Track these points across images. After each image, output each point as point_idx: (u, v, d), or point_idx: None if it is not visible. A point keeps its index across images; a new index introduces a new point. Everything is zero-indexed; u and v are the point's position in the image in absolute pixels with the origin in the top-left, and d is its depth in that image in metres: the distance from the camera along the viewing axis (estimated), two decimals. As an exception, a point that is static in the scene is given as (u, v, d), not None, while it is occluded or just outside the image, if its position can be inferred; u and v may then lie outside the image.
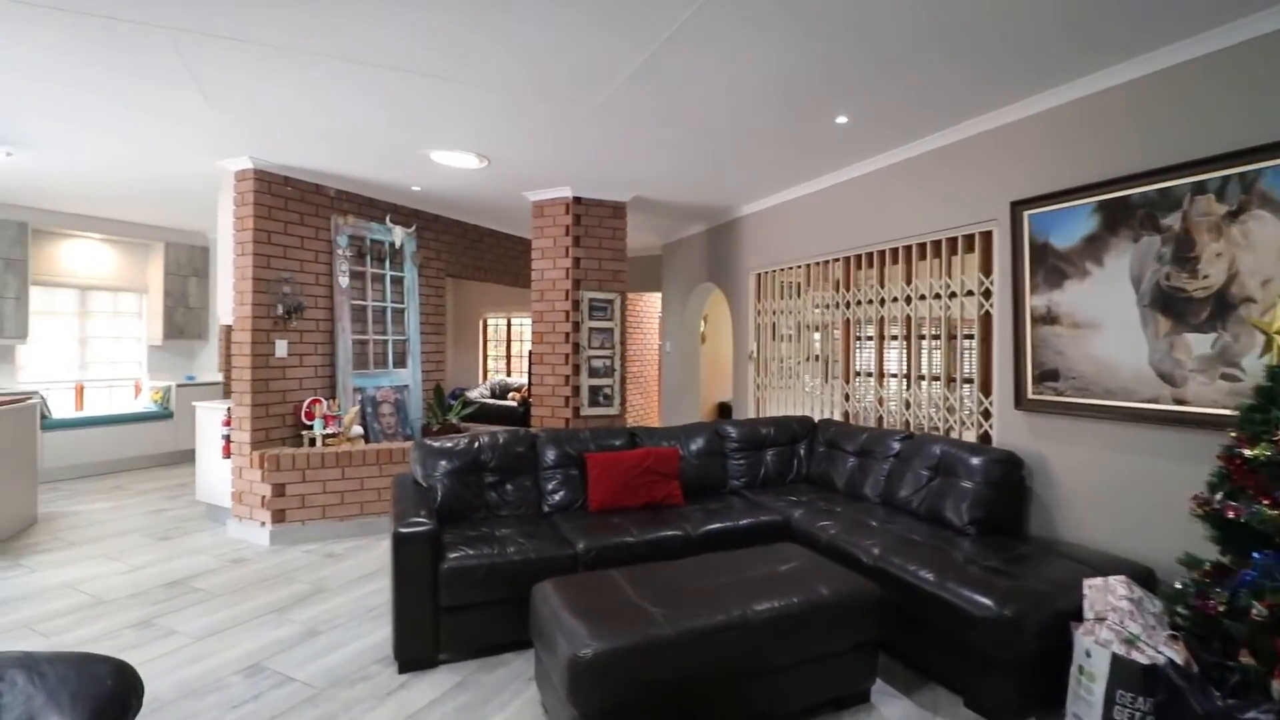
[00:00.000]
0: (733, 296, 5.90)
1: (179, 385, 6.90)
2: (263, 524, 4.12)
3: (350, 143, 3.85)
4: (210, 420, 4.61)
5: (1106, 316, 2.77)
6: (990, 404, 3.35)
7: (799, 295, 5.06)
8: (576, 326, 4.94)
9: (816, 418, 4.51)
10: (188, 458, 6.84)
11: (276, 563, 3.75)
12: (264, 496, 4.10)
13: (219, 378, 7.25)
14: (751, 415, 5.55)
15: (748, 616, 2.02)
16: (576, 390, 4.94)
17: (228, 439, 4.36)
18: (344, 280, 4.79)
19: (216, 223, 4.50)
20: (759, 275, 5.52)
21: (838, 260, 4.58)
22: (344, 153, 4.05)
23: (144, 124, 3.56)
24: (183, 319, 7.18)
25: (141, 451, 6.57)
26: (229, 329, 6.83)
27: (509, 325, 11.49)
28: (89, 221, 6.41)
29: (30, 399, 4.61)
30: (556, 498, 3.30)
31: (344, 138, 3.75)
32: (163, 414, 6.76)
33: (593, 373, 5.00)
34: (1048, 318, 3.01)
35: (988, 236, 3.38)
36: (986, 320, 3.41)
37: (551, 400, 4.99)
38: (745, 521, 3.11)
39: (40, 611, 3.02)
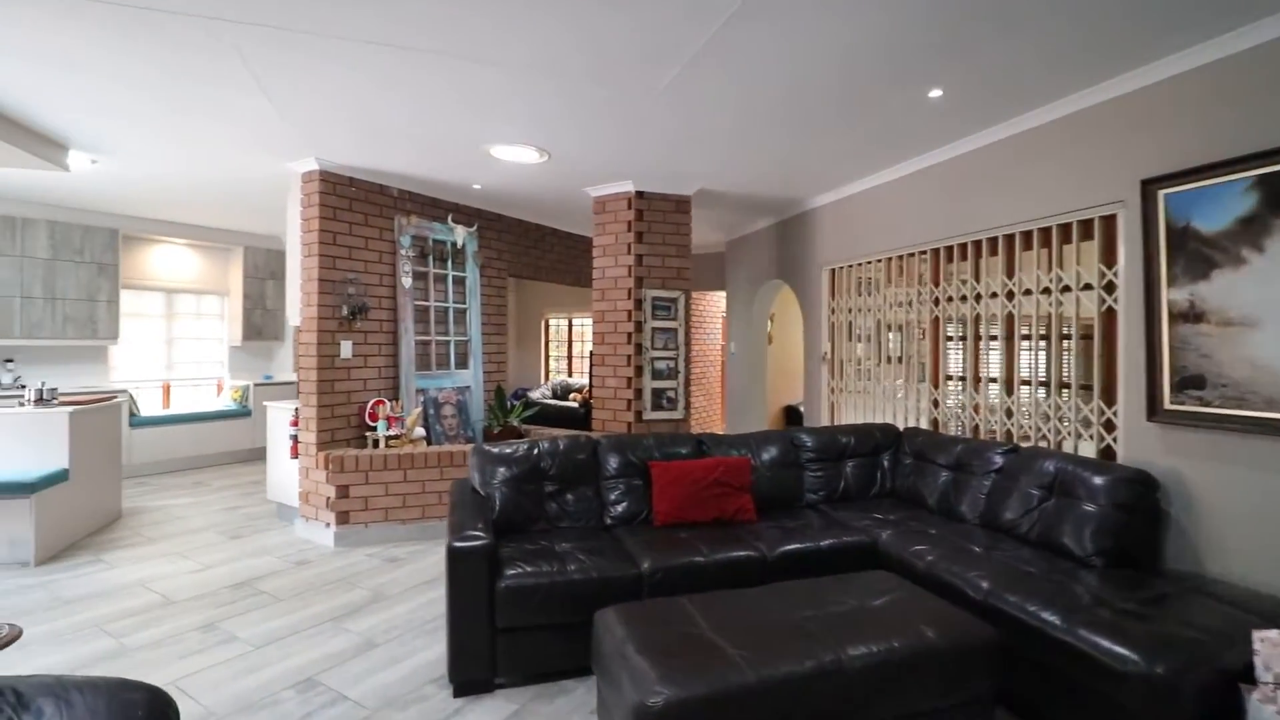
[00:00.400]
0: (804, 294, 5.56)
1: (256, 384, 7.14)
2: (327, 525, 4.11)
3: (411, 140, 3.78)
4: (280, 420, 4.67)
5: (1269, 312, 2.32)
6: (1114, 414, 2.92)
7: (878, 292, 4.68)
8: (639, 326, 4.74)
9: (900, 426, 4.13)
10: (263, 455, 7.06)
11: (339, 566, 3.72)
12: (328, 498, 4.09)
13: (294, 378, 7.47)
14: (825, 422, 5.19)
15: (842, 662, 1.75)
16: (639, 393, 4.73)
17: (295, 439, 4.39)
18: (407, 281, 4.76)
19: (287, 226, 4.55)
20: (833, 271, 5.16)
21: (924, 253, 4.18)
22: (405, 151, 3.99)
23: (213, 130, 3.59)
24: (260, 320, 7.43)
25: (222, 448, 6.82)
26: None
27: (570, 326, 11.45)
28: (173, 227, 6.70)
29: (115, 399, 4.80)
30: (619, 509, 3.10)
31: (405, 135, 3.68)
32: (241, 412, 7.00)
33: (656, 375, 4.78)
34: (1190, 314, 2.57)
35: (1110, 221, 2.95)
36: (1109, 318, 2.98)
37: (613, 403, 4.80)
38: (827, 542, 2.81)
39: (112, 610, 3.06)
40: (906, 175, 4.24)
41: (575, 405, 9.34)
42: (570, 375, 11.30)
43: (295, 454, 4.38)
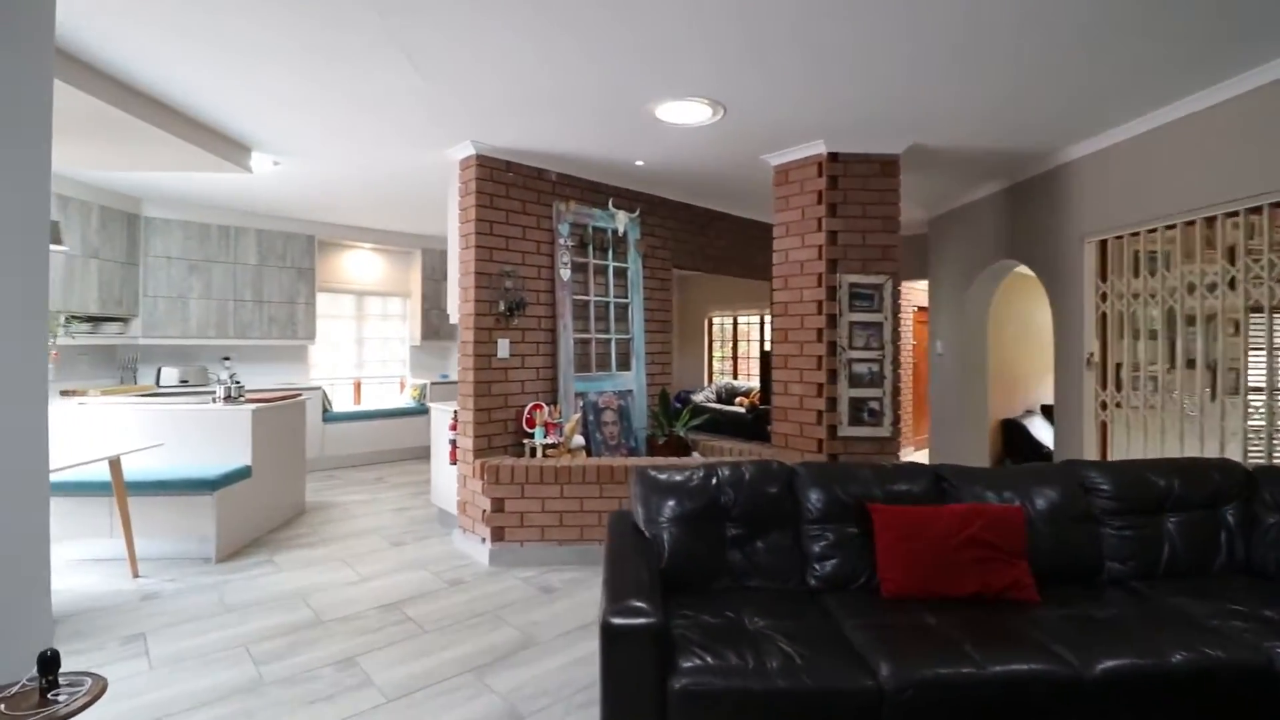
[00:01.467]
0: (1052, 276, 4.25)
1: (433, 383, 7.29)
2: (483, 540, 3.78)
3: (571, 109, 3.28)
4: (441, 423, 4.47)
5: None
6: None
7: (1173, 270, 3.33)
8: (832, 320, 3.85)
9: (1211, 454, 2.82)
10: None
11: (491, 592, 3.32)
12: (484, 511, 3.75)
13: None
14: (1089, 449, 3.89)
15: None
16: (832, 403, 3.84)
17: (454, 444, 4.13)
18: (565, 273, 4.32)
19: (448, 220, 4.35)
20: (1102, 244, 3.84)
21: (1257, 212, 2.83)
22: (564, 123, 3.51)
23: (375, 117, 3.38)
24: (436, 320, 7.61)
25: (402, 444, 7.04)
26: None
27: (735, 324, 10.68)
28: (361, 232, 7.03)
29: (300, 396, 4.94)
30: (827, 566, 2.29)
31: (565, 103, 3.19)
32: (420, 410, 7.19)
33: (855, 380, 3.85)
34: None
35: None
36: None
37: (798, 415, 3.96)
38: (1179, 657, 1.76)
39: (265, 626, 2.89)
40: (1222, 102, 2.90)
41: (742, 411, 8.55)
42: (735, 377, 10.53)
43: (454, 460, 4.13)
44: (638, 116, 3.40)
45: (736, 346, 10.79)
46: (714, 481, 2.39)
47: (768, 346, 9.34)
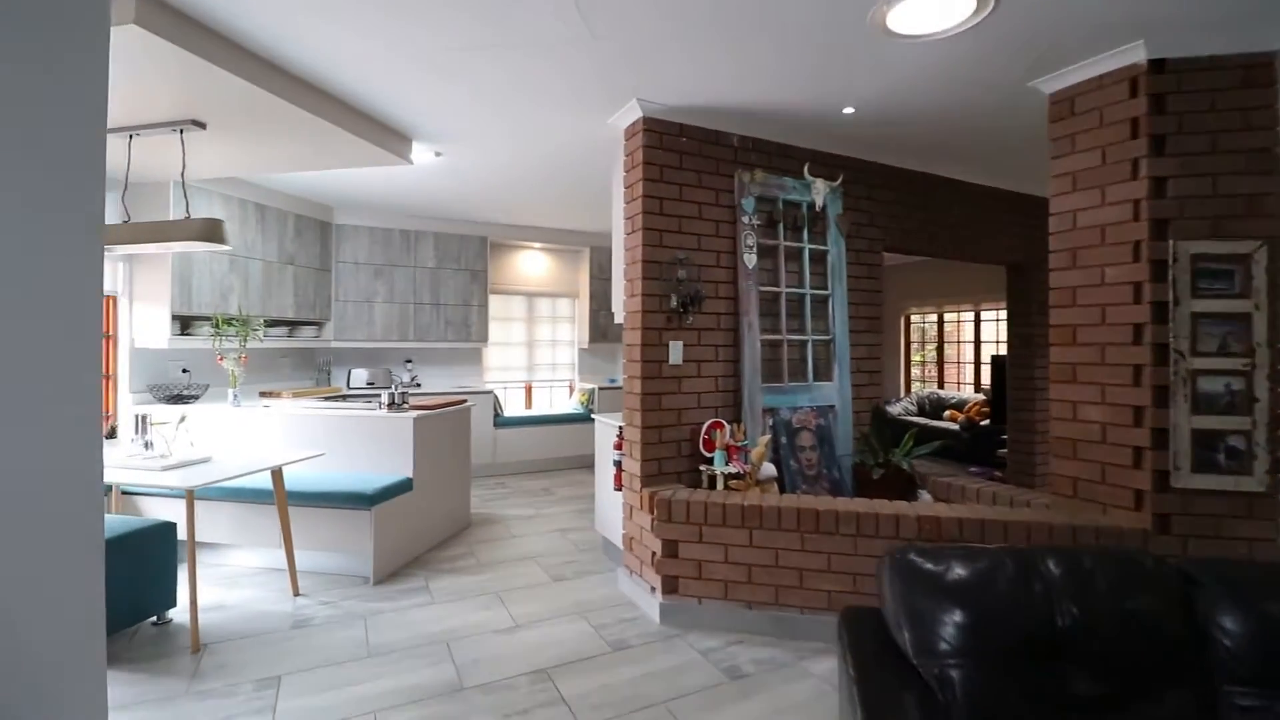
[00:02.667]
0: None
1: (601, 388, 6.87)
2: (652, 590, 3.08)
3: (764, 38, 2.44)
4: (605, 439, 3.87)
5: None
6: None
7: None
8: (1161, 311, 2.56)
9: None
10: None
11: (662, 669, 2.59)
12: (653, 553, 3.05)
13: (632, 381, 7.04)
14: None
15: None
16: (1162, 436, 2.55)
17: (619, 466, 3.49)
18: (750, 259, 3.48)
19: (612, 203, 3.75)
20: None
21: None
22: (754, 60, 2.68)
23: (531, 82, 2.83)
24: (604, 322, 7.19)
25: (570, 451, 6.69)
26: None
27: (940, 322, 9.03)
28: (531, 232, 6.80)
29: (465, 402, 4.66)
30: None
31: (753, 20, 2.36)
32: (587, 416, 6.79)
33: (1203, 403, 2.53)
34: None
35: None
36: None
37: (1098, 451, 2.71)
38: None
39: (398, 688, 2.43)
40: None
41: (954, 428, 7.04)
42: (940, 386, 8.89)
43: (619, 485, 3.49)
44: (859, 31, 2.46)
45: (942, 350, 9.13)
46: (1035, 585, 1.39)
47: (968, 346, 7.67)
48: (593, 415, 6.76)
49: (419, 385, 6.44)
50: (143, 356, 4.43)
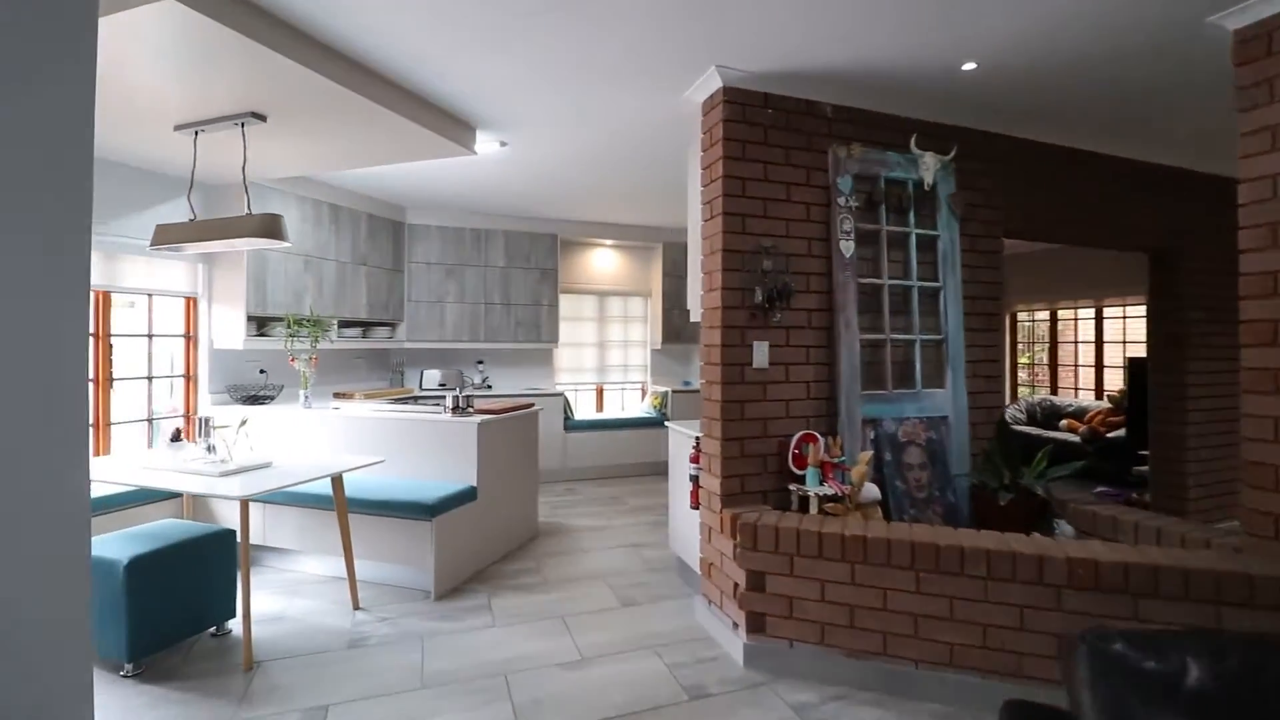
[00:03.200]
0: None
1: (674, 391, 6.52)
2: (735, 627, 2.69)
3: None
4: (680, 449, 3.51)
5: None
6: None
7: None
8: None
9: None
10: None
11: (745, 721, 2.21)
12: (736, 584, 2.66)
13: (707, 384, 6.65)
14: None
15: None
16: None
17: (696, 481, 3.13)
18: (848, 246, 3.02)
19: (688, 190, 3.39)
20: None
21: None
22: (852, 7, 2.25)
23: (598, 56, 2.52)
24: (678, 321, 6.83)
25: (642, 457, 6.37)
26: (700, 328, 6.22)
27: (1054, 320, 8.11)
28: (601, 228, 6.54)
29: (532, 406, 4.43)
30: None
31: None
32: (659, 421, 6.46)
33: None
34: None
35: None
36: None
37: (1320, 477, 2.10)
38: None
39: (450, 732, 2.17)
40: None
41: (1073, 439, 6.21)
42: (1054, 392, 7.96)
43: (695, 503, 3.12)
44: (998, -42, 1.99)
45: (1056, 351, 8.19)
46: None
47: (1087, 347, 6.71)
48: (666, 420, 6.44)
49: (490, 386, 6.32)
50: (221, 357, 4.46)
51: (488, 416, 3.81)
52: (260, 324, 4.48)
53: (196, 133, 3.17)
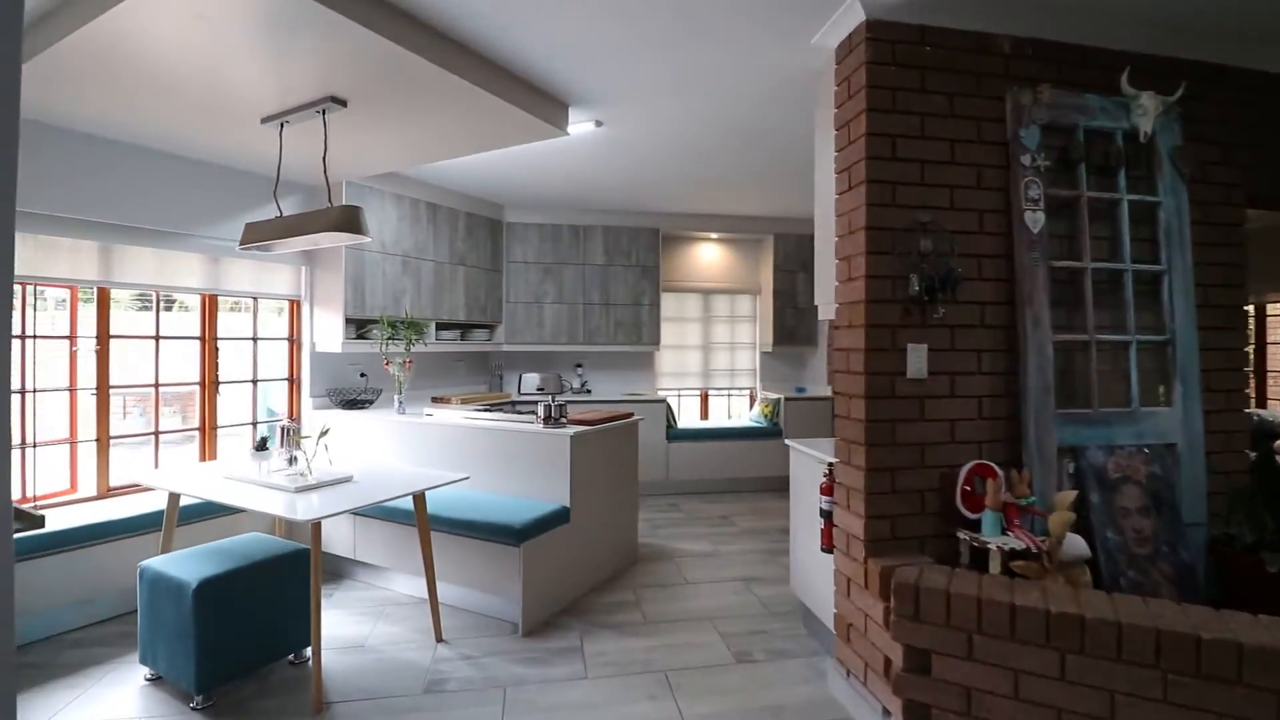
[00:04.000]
0: None
1: (788, 399, 5.87)
2: (886, 715, 2.09)
3: None
4: (805, 475, 2.93)
5: None
6: None
7: None
8: None
9: None
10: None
11: None
12: (888, 661, 2.06)
13: (829, 393, 5.93)
14: None
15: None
16: None
17: (828, 519, 2.54)
18: (1035, 219, 2.32)
19: (816, 155, 2.80)
20: None
21: None
22: None
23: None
24: (792, 320, 6.17)
25: (752, 471, 5.78)
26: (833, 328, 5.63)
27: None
28: (706, 221, 6.02)
29: (630, 416, 3.99)
30: None
31: None
32: (771, 431, 5.84)
33: None
34: None
35: None
36: None
37: None
38: None
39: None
40: None
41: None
42: None
43: (828, 544, 2.53)
44: None
45: None
46: None
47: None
48: (778, 429, 5.81)
49: (589, 391, 5.99)
50: (322, 361, 4.41)
51: (582, 428, 3.42)
52: (359, 326, 4.38)
53: (282, 125, 3.01)
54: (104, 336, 3.44)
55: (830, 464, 2.50)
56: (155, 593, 2.46)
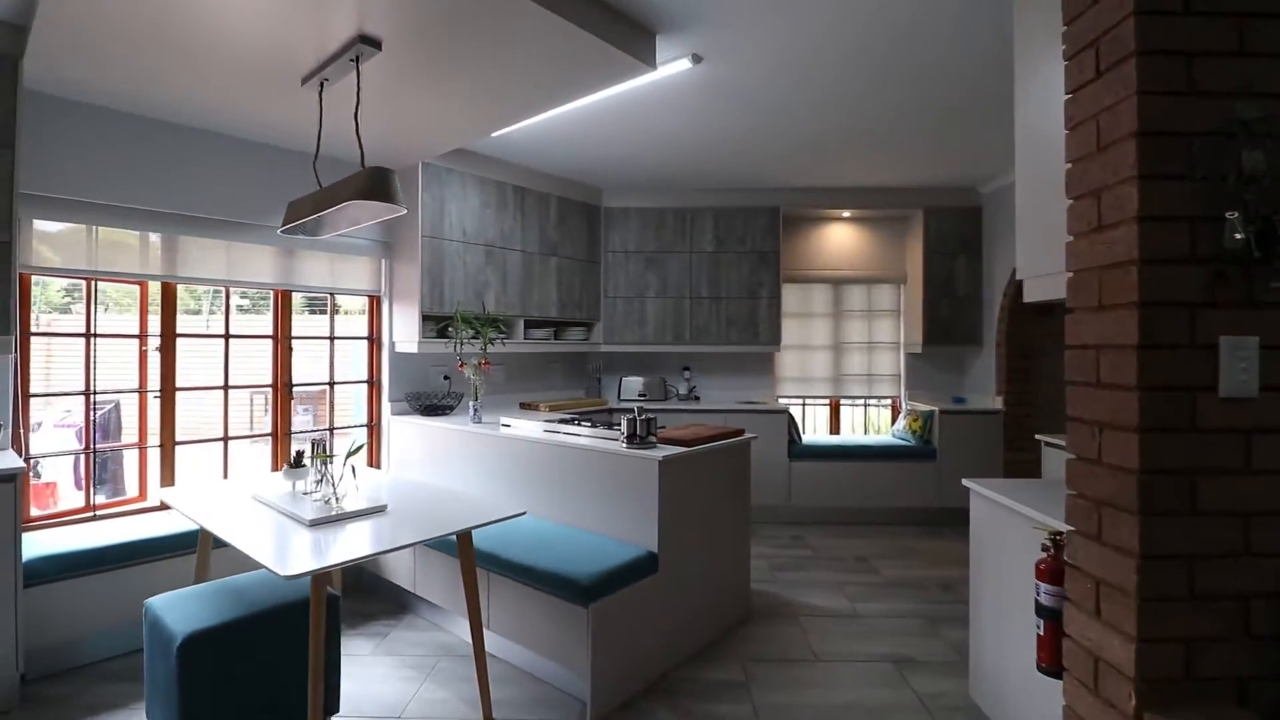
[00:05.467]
0: None
1: (943, 411, 4.75)
2: None
3: None
4: (998, 532, 1.98)
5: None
6: None
7: None
8: None
9: None
10: (953, 520, 4.60)
11: None
12: None
13: (1000, 405, 4.72)
14: None
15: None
16: None
17: (1053, 621, 1.59)
18: None
19: (1016, 49, 1.86)
20: None
21: None
22: None
23: None
24: (948, 314, 5.02)
25: (894, 501, 4.72)
26: (1010, 310, 4.53)
27: None
28: (837, 195, 5.04)
29: (743, 434, 3.18)
30: None
31: None
32: (920, 450, 4.75)
33: None
34: None
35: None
36: None
37: None
38: None
39: None
40: None
41: None
42: None
43: (1051, 663, 1.58)
44: None
45: None
46: None
47: None
48: (930, 446, 4.70)
49: (697, 398, 5.24)
50: (403, 362, 4.03)
51: (677, 449, 2.67)
52: (440, 324, 3.96)
53: (321, 84, 2.56)
54: (169, 335, 3.22)
55: (1057, 535, 1.56)
56: (153, 639, 2.06)
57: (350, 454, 2.31)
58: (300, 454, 2.50)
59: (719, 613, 2.93)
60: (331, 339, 3.88)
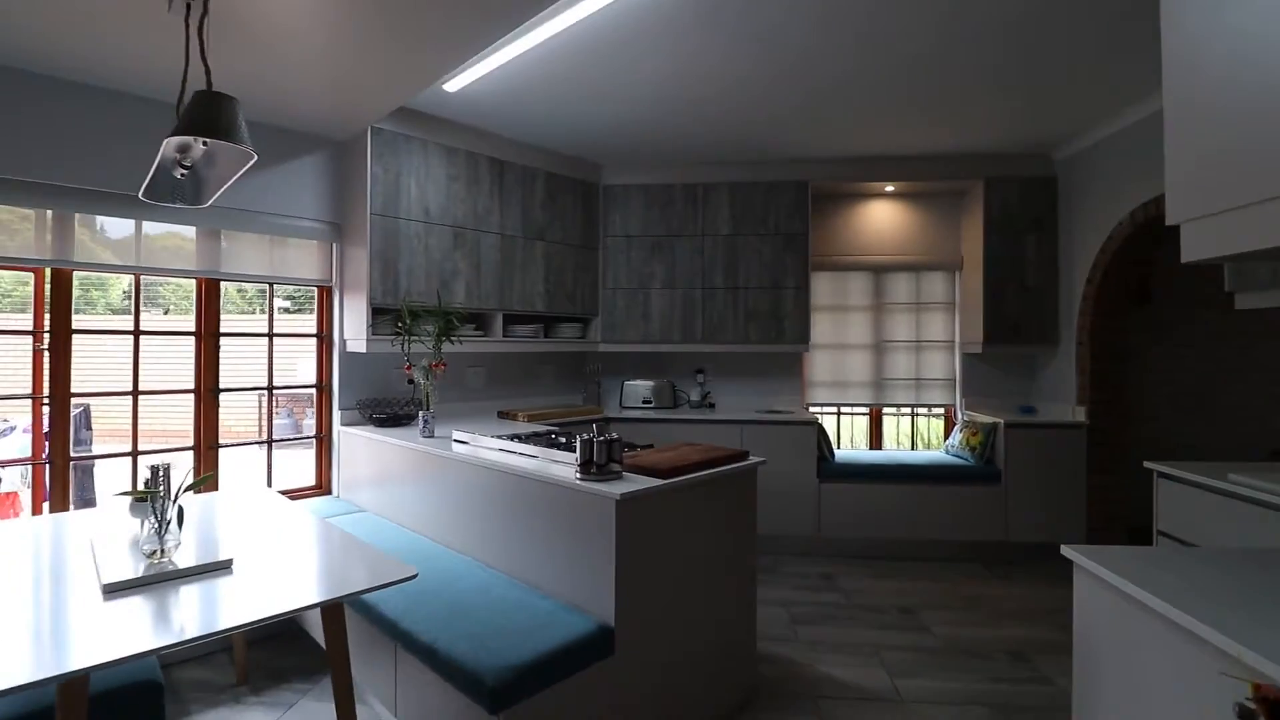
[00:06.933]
0: None
1: (1009, 424, 3.89)
2: None
3: None
4: (1117, 619, 1.21)
5: None
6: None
7: None
8: None
9: None
10: (1024, 557, 3.75)
11: None
12: None
13: (1076, 417, 3.85)
14: None
15: None
16: None
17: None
18: None
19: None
20: None
21: None
22: None
23: None
24: (1015, 307, 4.16)
25: (946, 534, 3.90)
26: (1095, 300, 3.73)
27: None
28: (875, 165, 4.23)
29: (748, 458, 2.45)
30: None
31: None
32: (981, 472, 3.91)
33: None
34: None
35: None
36: None
37: None
38: None
39: None
40: None
41: None
42: None
43: None
44: None
45: None
46: None
47: None
48: (993, 466, 3.86)
49: (712, 406, 4.52)
50: (356, 364, 3.45)
51: (644, 484, 1.97)
52: (398, 318, 3.36)
53: (188, 5, 1.97)
54: (62, 332, 2.70)
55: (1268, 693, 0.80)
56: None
57: (185, 489, 1.70)
58: (149, 480, 1.90)
59: (708, 695, 2.21)
60: (270, 336, 3.33)
